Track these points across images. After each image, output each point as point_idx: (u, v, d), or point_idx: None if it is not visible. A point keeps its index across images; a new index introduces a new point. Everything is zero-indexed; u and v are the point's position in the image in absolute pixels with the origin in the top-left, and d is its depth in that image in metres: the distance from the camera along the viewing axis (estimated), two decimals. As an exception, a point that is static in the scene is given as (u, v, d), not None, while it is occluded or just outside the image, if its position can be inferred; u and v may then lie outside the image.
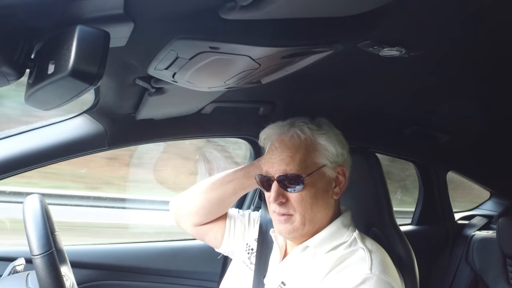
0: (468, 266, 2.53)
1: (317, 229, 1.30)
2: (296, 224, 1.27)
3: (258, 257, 1.43)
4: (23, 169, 1.47)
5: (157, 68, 1.02)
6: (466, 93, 1.65)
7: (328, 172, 1.28)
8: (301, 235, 1.30)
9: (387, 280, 1.17)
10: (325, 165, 1.28)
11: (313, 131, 1.29)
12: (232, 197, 1.54)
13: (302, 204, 1.26)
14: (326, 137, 1.29)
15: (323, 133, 1.30)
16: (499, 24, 1.02)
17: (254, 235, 1.52)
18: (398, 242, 1.41)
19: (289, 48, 0.93)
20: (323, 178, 1.28)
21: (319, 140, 1.29)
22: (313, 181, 1.26)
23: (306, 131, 1.29)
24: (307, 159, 1.26)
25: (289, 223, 1.27)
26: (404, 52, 1.13)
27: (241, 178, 1.52)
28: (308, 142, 1.28)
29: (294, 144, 1.28)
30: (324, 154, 1.28)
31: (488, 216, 2.86)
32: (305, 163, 1.26)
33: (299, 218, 1.26)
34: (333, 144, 1.29)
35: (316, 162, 1.27)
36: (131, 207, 3.23)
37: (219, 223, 1.56)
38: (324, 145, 1.29)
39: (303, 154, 1.26)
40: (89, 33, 0.71)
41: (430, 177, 2.57)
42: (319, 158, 1.28)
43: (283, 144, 1.29)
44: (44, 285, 1.02)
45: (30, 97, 0.85)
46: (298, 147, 1.27)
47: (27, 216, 1.10)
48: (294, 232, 1.28)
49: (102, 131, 1.54)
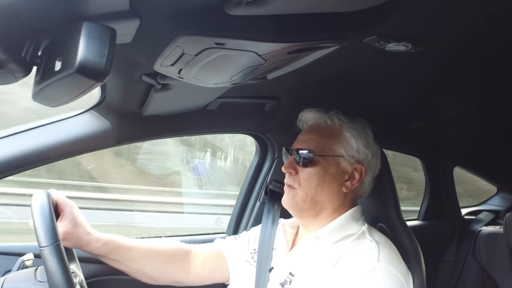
0: (475, 261, 2.52)
1: (319, 213, 1.34)
2: (297, 199, 1.33)
3: (260, 253, 1.44)
4: (30, 166, 1.48)
5: (163, 65, 1.02)
6: (472, 88, 1.64)
7: (343, 163, 1.33)
8: (301, 212, 1.35)
9: (394, 271, 1.18)
10: (342, 155, 1.33)
11: (342, 122, 1.36)
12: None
13: (308, 181, 1.32)
14: (352, 131, 1.35)
15: (351, 126, 1.36)
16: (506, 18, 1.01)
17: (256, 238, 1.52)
18: (404, 237, 1.41)
19: (295, 43, 0.93)
20: (337, 167, 1.33)
21: (344, 131, 1.35)
22: (325, 164, 1.32)
23: (335, 120, 1.37)
24: (326, 144, 1.34)
25: (291, 194, 1.34)
26: (411, 47, 1.12)
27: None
28: (333, 130, 1.36)
29: (319, 128, 1.37)
30: (344, 146, 1.34)
31: (495, 211, 2.85)
32: (322, 147, 1.34)
33: (301, 194, 1.32)
34: (356, 140, 1.34)
35: (334, 149, 1.34)
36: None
37: (219, 262, 1.52)
38: (347, 137, 1.34)
39: (324, 139, 1.35)
40: (96, 30, 0.72)
41: (436, 172, 2.57)
42: (338, 147, 1.34)
43: (311, 128, 1.41)
44: (51, 276, 1.03)
45: (38, 94, 0.86)
46: (322, 132, 1.36)
47: (35, 210, 1.12)
48: (294, 205, 1.34)
49: (108, 127, 1.54)
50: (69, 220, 1.30)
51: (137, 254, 1.42)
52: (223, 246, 1.54)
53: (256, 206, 1.98)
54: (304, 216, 1.37)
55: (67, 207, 1.31)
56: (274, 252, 1.42)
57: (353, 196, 1.38)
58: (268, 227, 1.52)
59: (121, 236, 1.43)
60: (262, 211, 1.66)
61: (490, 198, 3.05)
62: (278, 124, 1.84)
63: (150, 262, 1.44)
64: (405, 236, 1.41)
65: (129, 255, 1.41)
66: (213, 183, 3.74)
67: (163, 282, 1.49)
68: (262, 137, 1.95)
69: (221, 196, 3.79)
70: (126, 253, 1.40)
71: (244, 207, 2.03)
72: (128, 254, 1.41)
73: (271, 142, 1.95)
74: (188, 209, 3.70)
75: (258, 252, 1.44)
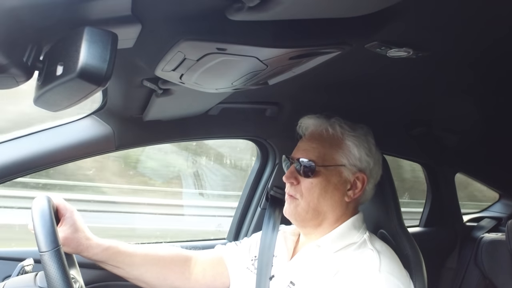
0: (477, 268, 2.51)
1: (322, 223, 1.33)
2: (299, 209, 1.32)
3: (261, 260, 1.43)
4: (31, 171, 1.48)
5: (165, 70, 1.03)
6: (474, 93, 1.64)
7: (345, 172, 1.31)
8: (303, 223, 1.34)
9: (396, 281, 1.17)
10: (344, 165, 1.31)
11: (343, 130, 1.34)
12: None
13: (310, 192, 1.30)
14: (354, 139, 1.33)
15: (353, 135, 1.33)
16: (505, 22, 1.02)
17: (257, 245, 1.51)
18: (406, 243, 1.40)
19: (297, 49, 0.93)
20: (339, 176, 1.31)
21: (346, 140, 1.33)
22: (327, 174, 1.30)
23: (337, 128, 1.34)
24: (328, 154, 1.32)
25: (293, 205, 1.33)
26: (412, 53, 1.12)
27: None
28: (334, 139, 1.33)
29: (320, 137, 1.35)
30: (346, 155, 1.32)
31: (497, 218, 2.83)
32: (324, 156, 1.31)
33: (303, 204, 1.31)
34: (358, 148, 1.32)
35: (336, 159, 1.32)
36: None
37: (220, 269, 1.51)
38: (349, 145, 1.32)
39: (326, 148, 1.32)
40: (97, 35, 0.72)
41: (438, 178, 2.55)
42: (340, 156, 1.32)
43: (311, 135, 1.37)
44: (51, 281, 1.02)
45: (39, 99, 0.86)
46: (323, 141, 1.34)
47: (35, 215, 1.12)
48: (296, 216, 1.33)
49: (109, 132, 1.55)
50: (69, 225, 1.29)
51: (137, 260, 1.42)
52: (224, 253, 1.53)
53: (257, 212, 1.98)
54: (306, 226, 1.36)
55: (68, 212, 1.31)
56: (275, 260, 1.41)
57: (355, 204, 1.37)
58: (268, 233, 1.51)
59: (121, 242, 1.43)
60: (263, 217, 1.66)
61: (492, 204, 3.04)
62: (280, 130, 1.84)
63: (150, 268, 1.44)
64: (406, 243, 1.41)
65: (129, 261, 1.40)
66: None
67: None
68: (263, 143, 1.95)
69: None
70: (126, 259, 1.40)
71: (245, 212, 2.02)
72: (128, 260, 1.40)
73: (272, 147, 1.95)
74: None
75: (258, 259, 1.43)
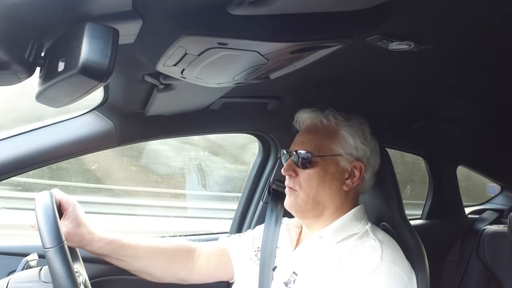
0: (479, 261, 2.51)
1: (322, 214, 1.34)
2: (299, 201, 1.33)
3: (264, 251, 1.44)
4: (33, 167, 1.48)
5: (166, 65, 1.03)
6: (476, 86, 1.63)
7: (342, 162, 1.33)
8: (304, 214, 1.36)
9: (398, 270, 1.19)
10: (340, 154, 1.33)
11: (338, 121, 1.36)
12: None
13: (309, 183, 1.32)
14: (349, 128, 1.35)
15: (347, 124, 1.35)
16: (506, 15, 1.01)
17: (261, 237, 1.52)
18: (408, 236, 1.41)
19: (298, 43, 0.93)
20: (336, 166, 1.33)
21: (341, 130, 1.35)
22: (324, 165, 1.32)
23: (331, 119, 1.36)
24: (324, 144, 1.34)
25: (293, 197, 1.35)
26: (413, 46, 1.12)
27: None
28: (329, 129, 1.36)
29: (316, 128, 1.38)
30: (342, 144, 1.33)
31: (499, 210, 2.83)
32: (320, 147, 1.33)
33: (303, 195, 1.33)
34: (353, 137, 1.34)
35: (332, 149, 1.33)
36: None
37: (224, 259, 1.52)
38: (344, 135, 1.34)
39: (321, 139, 1.34)
40: (98, 30, 0.72)
41: (440, 171, 2.55)
42: (336, 146, 1.33)
43: (307, 128, 1.41)
44: (56, 277, 1.03)
45: (41, 95, 0.86)
46: (319, 132, 1.36)
47: (39, 211, 1.12)
48: (296, 207, 1.34)
49: (111, 128, 1.55)
50: (71, 220, 1.30)
51: (141, 252, 1.43)
52: (227, 244, 1.54)
53: (259, 205, 1.98)
54: (307, 217, 1.38)
55: (70, 206, 1.31)
56: (278, 251, 1.42)
57: (355, 194, 1.38)
58: (271, 226, 1.52)
59: (124, 235, 1.43)
60: (265, 211, 1.66)
61: (494, 197, 3.04)
62: (281, 124, 1.84)
63: (154, 260, 1.45)
64: (408, 235, 1.41)
65: (133, 253, 1.41)
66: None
67: (167, 280, 1.49)
68: (265, 137, 1.95)
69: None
70: (130, 252, 1.41)
71: (247, 207, 2.03)
72: (132, 252, 1.41)
73: (274, 141, 1.95)
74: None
75: (262, 250, 1.44)
